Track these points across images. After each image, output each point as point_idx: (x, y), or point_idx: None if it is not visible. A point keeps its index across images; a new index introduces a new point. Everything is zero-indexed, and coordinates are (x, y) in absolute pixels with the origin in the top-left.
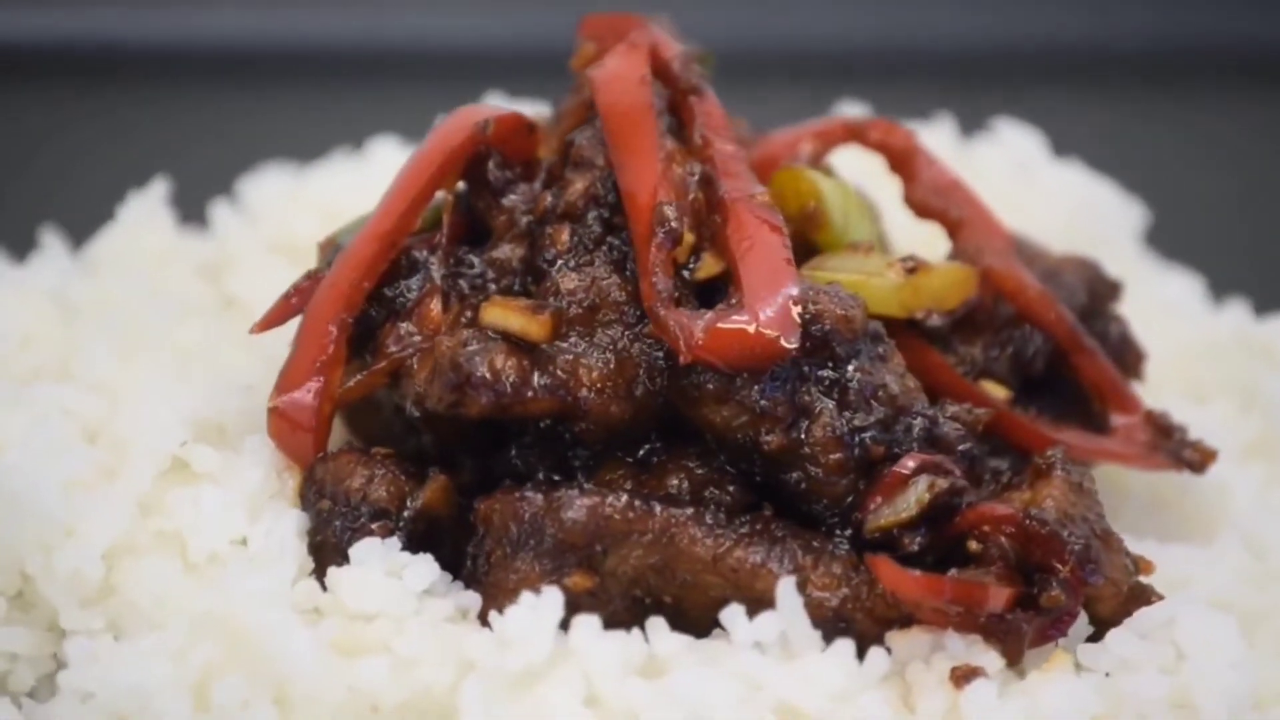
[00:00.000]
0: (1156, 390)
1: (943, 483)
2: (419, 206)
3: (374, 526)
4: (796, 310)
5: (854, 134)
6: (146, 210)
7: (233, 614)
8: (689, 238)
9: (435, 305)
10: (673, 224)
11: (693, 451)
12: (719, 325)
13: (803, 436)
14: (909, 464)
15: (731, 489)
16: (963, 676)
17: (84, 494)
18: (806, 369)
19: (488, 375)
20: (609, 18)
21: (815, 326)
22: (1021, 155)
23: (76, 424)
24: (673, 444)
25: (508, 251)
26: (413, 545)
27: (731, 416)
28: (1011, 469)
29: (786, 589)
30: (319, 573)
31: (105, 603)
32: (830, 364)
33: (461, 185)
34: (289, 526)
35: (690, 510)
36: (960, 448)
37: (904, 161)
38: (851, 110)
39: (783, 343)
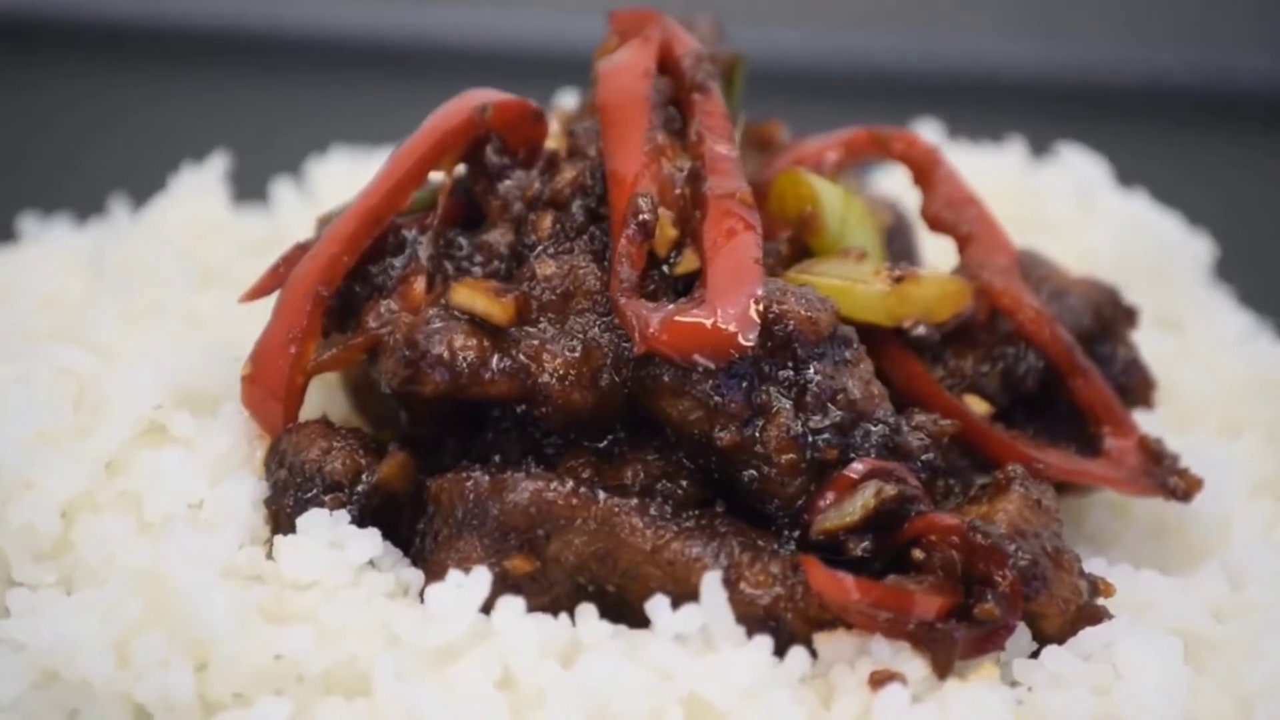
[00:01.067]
0: (1192, 422)
1: (890, 489)
2: (406, 185)
3: (326, 498)
4: (756, 309)
5: (879, 144)
6: (200, 182)
7: (161, 573)
8: (671, 232)
9: (419, 284)
10: (645, 215)
11: (654, 445)
12: (676, 318)
13: (757, 435)
14: (858, 468)
15: (685, 483)
16: (880, 680)
17: (53, 450)
18: (767, 368)
19: (444, 354)
20: (634, 13)
21: (778, 326)
22: (1086, 182)
23: (70, 383)
24: (637, 436)
25: (497, 236)
26: (367, 520)
27: (687, 411)
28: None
29: (711, 583)
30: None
31: (61, 558)
32: (791, 365)
33: (462, 169)
34: (245, 493)
35: (634, 501)
36: (923, 457)
37: (924, 174)
38: (927, 130)
39: (740, 340)
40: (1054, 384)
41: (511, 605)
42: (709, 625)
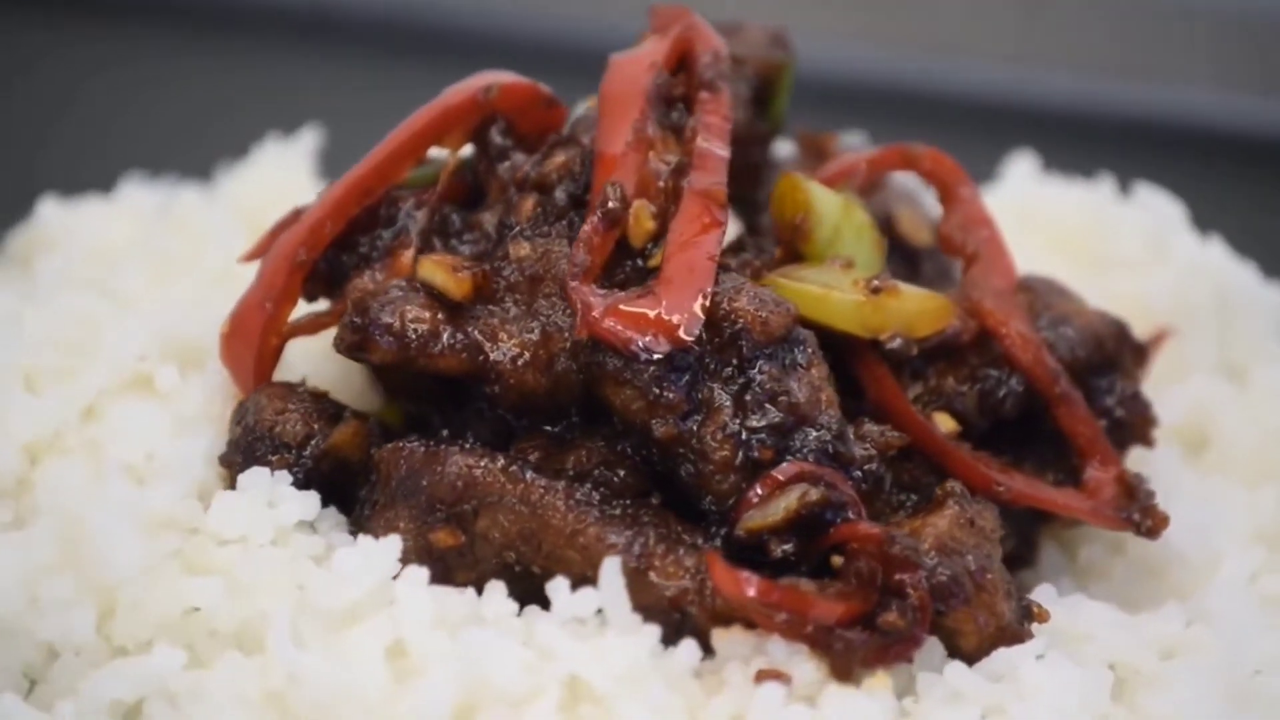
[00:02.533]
0: (1226, 469)
1: (814, 494)
2: (400, 159)
3: (272, 458)
4: (703, 304)
5: (909, 160)
6: (285, 154)
7: (81, 516)
8: (648, 225)
9: (406, 257)
10: (611, 204)
11: (605, 433)
12: (621, 305)
13: (694, 430)
14: (788, 470)
15: (622, 472)
16: (763, 677)
17: (31, 391)
18: (712, 364)
19: (394, 323)
20: (672, 9)
21: (727, 324)
22: (1161, 223)
23: (70, 327)
24: (593, 423)
25: (488, 216)
26: (315, 484)
27: (629, 400)
28: None
29: (610, 568)
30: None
31: (20, 498)
32: (736, 363)
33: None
34: (201, 448)
35: (562, 484)
36: (865, 466)
37: (947, 192)
38: (1021, 163)
39: (680, 333)
40: (1042, 411)
41: (415, 575)
42: (605, 609)
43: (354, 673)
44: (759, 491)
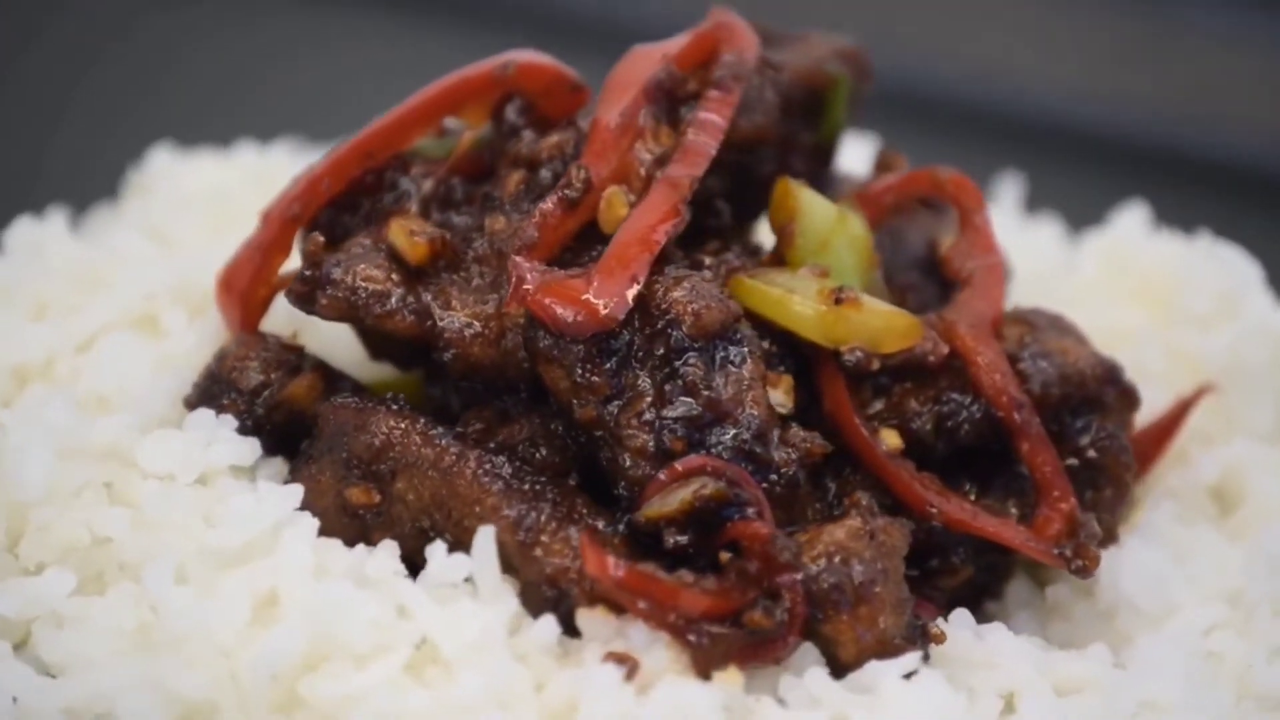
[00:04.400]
0: (1244, 531)
1: (710, 488)
2: (407, 125)
3: (224, 402)
4: (632, 289)
5: (935, 185)
6: None
7: (6, 432)
8: (622, 211)
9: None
10: (571, 186)
11: (545, 411)
12: (554, 282)
13: (614, 414)
14: (689, 463)
15: (544, 450)
16: (610, 659)
17: (36, 319)
18: (640, 352)
19: (344, 279)
20: (722, 10)
21: (660, 313)
22: (1235, 282)
23: (103, 267)
24: (539, 401)
25: (487, 190)
26: (265, 432)
27: (557, 379)
28: None
29: (484, 536)
30: None
31: None
32: (663, 352)
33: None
34: (172, 386)
35: (475, 453)
36: (783, 469)
37: (964, 217)
38: (1132, 212)
39: (603, 314)
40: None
41: (304, 527)
42: (475, 577)
43: (214, 613)
44: (663, 481)
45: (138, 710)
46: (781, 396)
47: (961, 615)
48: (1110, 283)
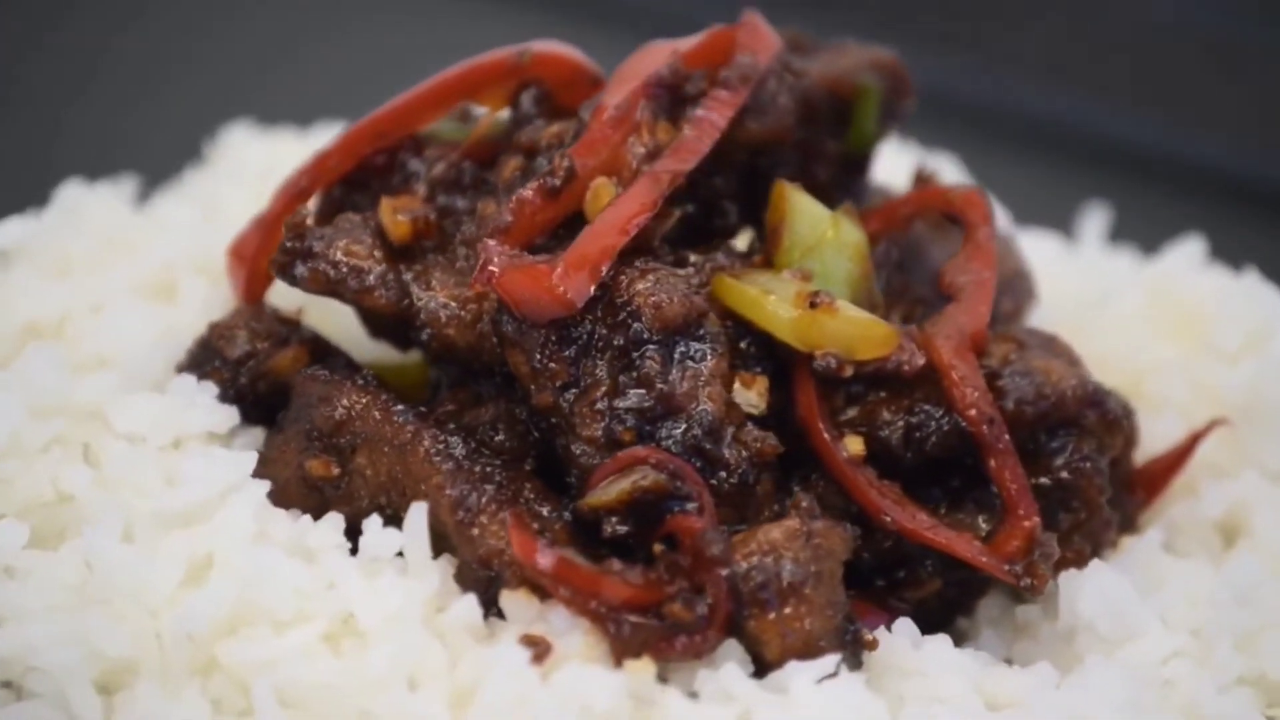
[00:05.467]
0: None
1: (649, 480)
2: (419, 108)
3: (208, 369)
4: (594, 277)
5: (947, 201)
6: None
7: None
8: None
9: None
10: (554, 175)
11: (512, 395)
12: (519, 266)
13: (569, 401)
14: (633, 453)
15: (502, 434)
16: (525, 642)
17: (59, 277)
18: (601, 341)
19: (323, 252)
20: (752, 15)
21: (623, 304)
22: (1266, 318)
23: (155, 236)
24: (510, 384)
25: (493, 176)
26: (248, 401)
27: (519, 363)
28: None
29: (416, 511)
30: None
31: (9, 365)
32: (623, 343)
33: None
34: (165, 351)
35: (431, 431)
36: (733, 467)
37: (968, 233)
38: (1188, 245)
39: (566, 297)
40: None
41: (249, 491)
42: (405, 551)
43: (148, 572)
44: (606, 469)
45: (62, 664)
46: (755, 397)
47: (904, 625)
48: (1152, 314)
